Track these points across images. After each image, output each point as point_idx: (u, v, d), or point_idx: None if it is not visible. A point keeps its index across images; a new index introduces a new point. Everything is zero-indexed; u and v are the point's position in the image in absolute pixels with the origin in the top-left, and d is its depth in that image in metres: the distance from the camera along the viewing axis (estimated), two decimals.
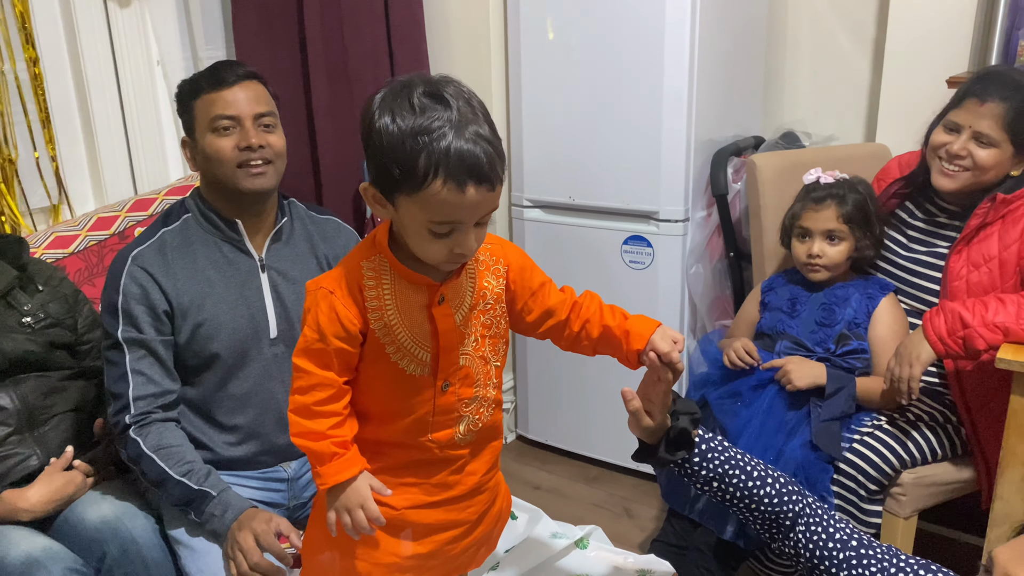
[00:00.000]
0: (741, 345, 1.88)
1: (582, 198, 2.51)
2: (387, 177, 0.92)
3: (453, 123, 0.90)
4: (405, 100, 0.90)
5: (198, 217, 1.59)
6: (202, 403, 1.58)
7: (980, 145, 1.70)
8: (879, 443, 1.74)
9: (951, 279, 1.74)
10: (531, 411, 2.85)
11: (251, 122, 1.52)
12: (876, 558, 1.12)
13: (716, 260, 2.44)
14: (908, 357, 1.64)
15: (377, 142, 0.91)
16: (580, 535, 1.50)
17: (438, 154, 0.89)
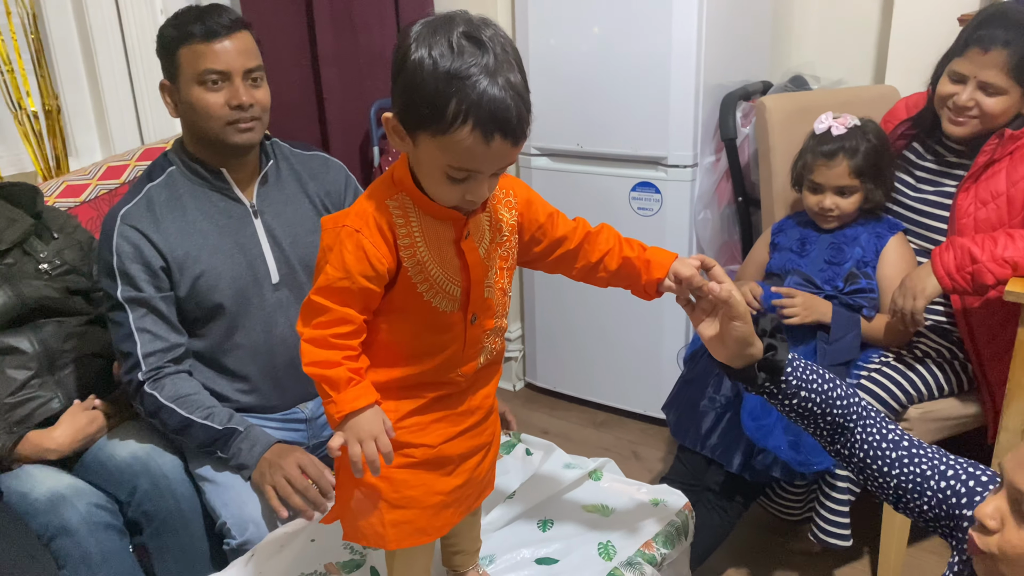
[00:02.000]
0: (748, 289, 1.90)
1: (590, 145, 2.50)
2: (413, 113, 0.91)
3: (489, 70, 0.89)
4: (444, 38, 0.89)
5: (183, 169, 1.56)
6: (211, 355, 1.59)
7: (987, 94, 1.69)
8: (886, 379, 1.76)
9: (959, 216, 1.75)
10: (539, 359, 2.88)
11: (240, 78, 1.49)
12: (927, 456, 1.14)
13: (724, 205, 2.44)
14: (913, 290, 1.66)
15: (409, 76, 0.90)
16: (593, 467, 1.52)
17: (470, 101, 0.88)
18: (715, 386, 1.89)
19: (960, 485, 1.10)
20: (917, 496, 1.13)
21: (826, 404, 1.19)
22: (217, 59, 1.47)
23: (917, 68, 1.94)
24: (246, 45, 1.51)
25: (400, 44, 0.91)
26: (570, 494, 1.45)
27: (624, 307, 2.60)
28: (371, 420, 0.99)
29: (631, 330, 2.61)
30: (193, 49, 1.47)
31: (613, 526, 1.37)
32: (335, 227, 0.99)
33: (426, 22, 0.91)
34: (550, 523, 1.38)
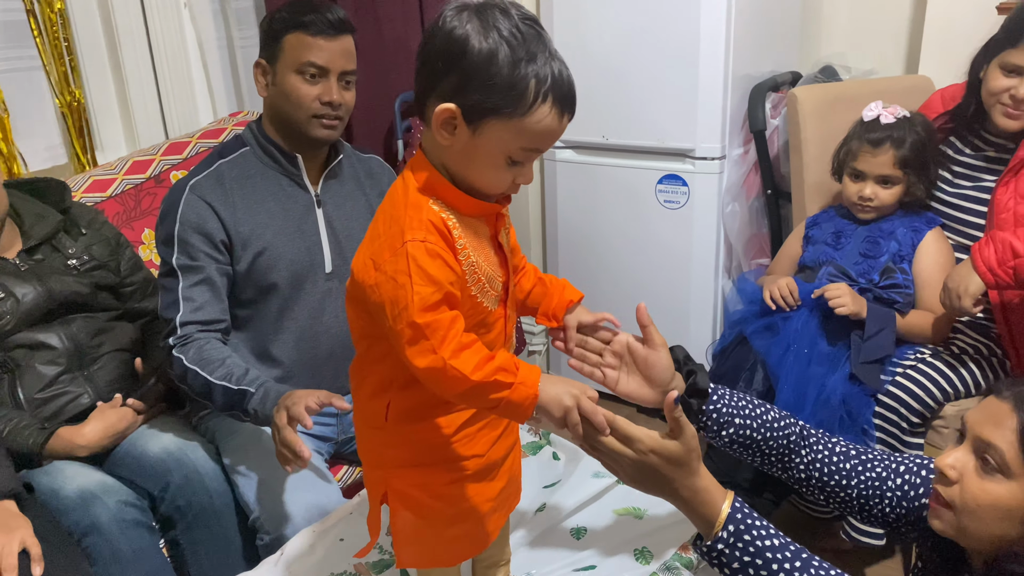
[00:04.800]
0: (785, 283, 1.86)
1: (616, 137, 2.48)
2: (487, 101, 0.89)
3: (552, 50, 0.91)
4: (506, 25, 0.89)
5: (257, 150, 1.60)
6: (258, 337, 1.60)
7: None
8: (922, 376, 1.73)
9: (998, 211, 1.71)
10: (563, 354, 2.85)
11: (336, 77, 1.54)
12: (878, 459, 1.15)
13: (753, 198, 2.41)
14: (956, 289, 1.62)
15: (479, 66, 0.88)
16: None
17: (548, 81, 0.90)
18: (747, 381, 1.86)
19: (915, 477, 1.12)
20: (878, 500, 1.14)
21: (764, 428, 1.17)
22: (321, 54, 1.51)
23: (952, 59, 1.89)
24: (349, 48, 1.56)
25: (449, 37, 0.89)
26: (601, 500, 1.43)
27: (650, 301, 2.56)
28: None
29: (658, 324, 2.56)
30: (300, 38, 1.51)
31: (647, 529, 1.35)
32: (392, 251, 0.91)
33: (469, 11, 0.90)
34: (584, 531, 1.36)
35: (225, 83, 2.58)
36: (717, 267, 2.45)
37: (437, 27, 0.91)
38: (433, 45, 0.91)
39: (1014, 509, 0.90)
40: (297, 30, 1.51)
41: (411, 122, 2.59)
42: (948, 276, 1.66)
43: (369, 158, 1.76)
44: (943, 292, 1.67)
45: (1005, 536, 0.92)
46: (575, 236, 2.68)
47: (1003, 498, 0.91)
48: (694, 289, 2.48)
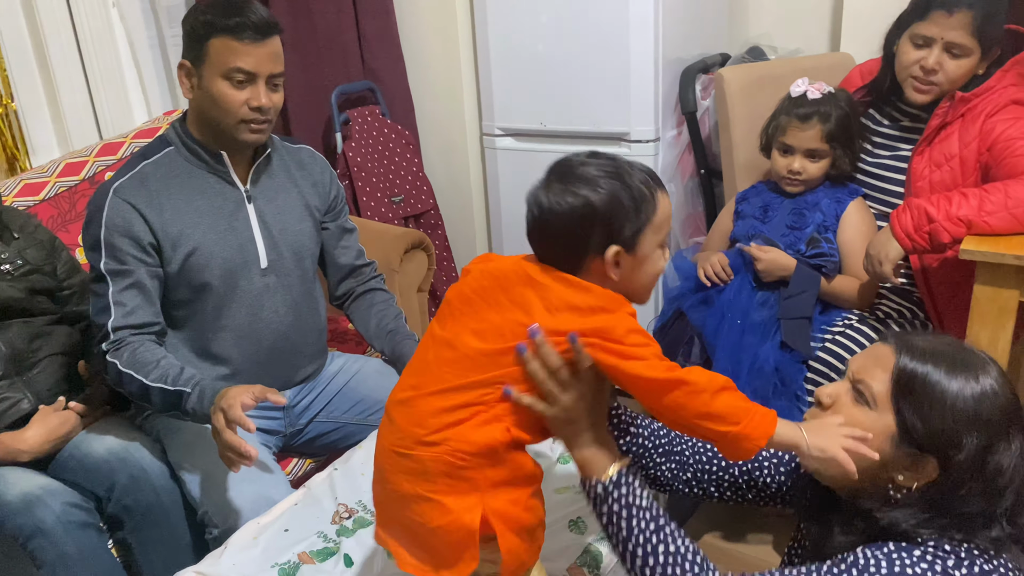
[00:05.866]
0: (717, 259, 1.93)
1: (553, 123, 2.51)
2: (633, 226, 0.98)
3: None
4: (589, 167, 1.00)
5: (182, 149, 1.58)
6: (197, 337, 1.59)
7: (952, 56, 1.72)
8: (850, 340, 1.80)
9: (915, 179, 1.79)
10: None
11: (264, 81, 1.51)
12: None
13: (687, 178, 2.47)
14: (877, 256, 1.69)
15: (610, 210, 0.97)
16: (561, 451, 1.52)
17: (645, 174, 1.01)
18: (685, 354, 1.92)
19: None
20: (759, 471, 1.19)
21: (653, 436, 1.20)
22: (249, 60, 1.48)
23: (871, 36, 1.96)
24: (276, 50, 1.53)
25: (572, 209, 0.97)
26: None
27: None
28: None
29: None
30: (227, 43, 1.47)
31: (583, 503, 1.37)
32: (616, 317, 0.97)
33: (564, 181, 0.99)
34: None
35: (159, 82, 2.55)
36: None
37: (550, 210, 0.98)
38: (560, 222, 0.98)
39: (872, 438, 0.96)
40: (223, 35, 1.47)
41: (348, 115, 2.59)
42: (870, 243, 1.73)
43: (299, 149, 1.74)
44: (866, 259, 1.73)
45: (865, 469, 0.97)
46: (519, 224, 2.68)
47: (864, 424, 0.98)
48: None
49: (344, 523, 1.34)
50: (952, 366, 0.96)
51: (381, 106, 2.66)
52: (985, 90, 1.71)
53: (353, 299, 1.81)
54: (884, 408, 0.98)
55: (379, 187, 2.60)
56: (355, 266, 1.80)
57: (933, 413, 0.94)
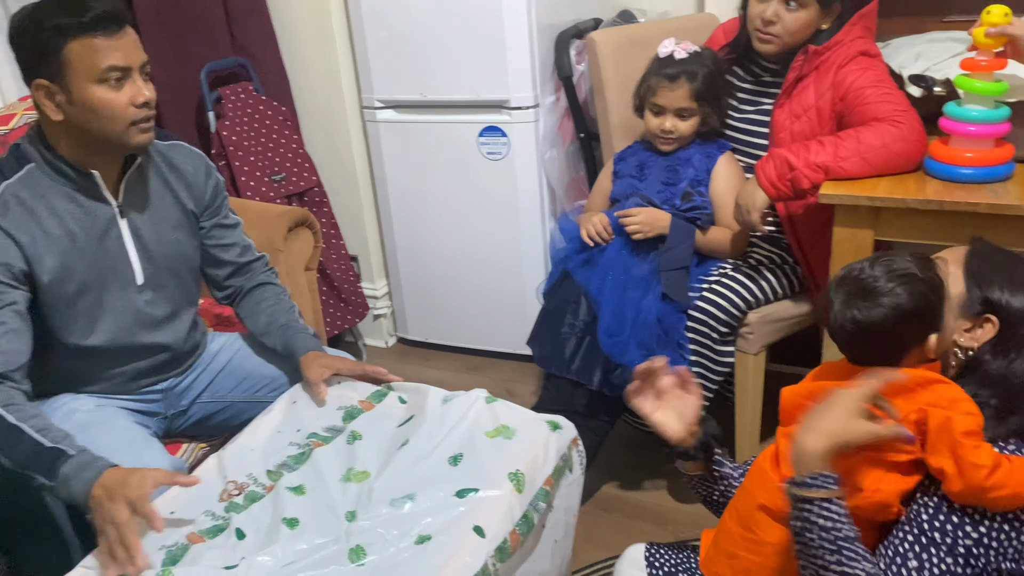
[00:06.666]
0: (599, 220, 1.98)
1: (433, 93, 2.50)
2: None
3: None
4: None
5: (44, 167, 1.43)
6: (67, 359, 1.51)
7: (789, 9, 1.80)
8: (726, 288, 1.89)
9: (777, 131, 1.88)
10: (408, 313, 2.89)
11: (139, 73, 1.37)
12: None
13: (568, 143, 2.51)
14: (745, 205, 1.78)
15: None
16: (477, 395, 1.51)
17: None
18: (573, 312, 1.97)
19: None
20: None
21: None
22: (118, 55, 1.34)
23: None
24: (135, 37, 1.39)
25: None
26: (468, 424, 1.43)
27: (483, 251, 2.64)
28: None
29: (494, 273, 2.66)
30: (87, 44, 1.32)
31: (519, 450, 1.38)
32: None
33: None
34: (460, 456, 1.36)
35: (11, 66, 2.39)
36: (543, 212, 2.55)
37: (876, 307, 1.05)
38: (875, 320, 1.05)
39: None
40: (79, 36, 1.31)
41: (220, 93, 2.51)
42: (738, 194, 1.81)
43: (171, 147, 1.60)
44: (735, 209, 1.82)
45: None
46: (406, 196, 2.70)
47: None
48: (523, 235, 2.57)
49: (234, 499, 1.31)
50: (1010, 254, 1.14)
51: (255, 82, 2.58)
52: (835, 43, 1.81)
53: (242, 297, 1.72)
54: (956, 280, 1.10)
55: (258, 166, 2.53)
56: (240, 263, 1.70)
57: (994, 278, 1.09)
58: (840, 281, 1.08)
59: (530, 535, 1.33)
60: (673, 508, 2.05)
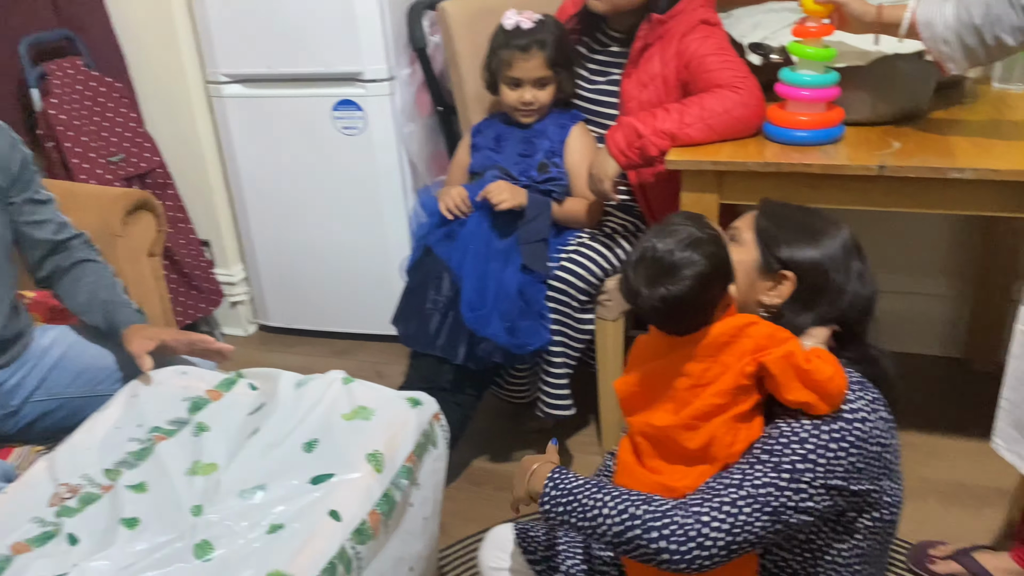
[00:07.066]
0: (456, 193, 1.96)
1: (281, 66, 2.40)
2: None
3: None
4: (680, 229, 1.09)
5: None
6: None
7: None
8: (583, 257, 1.91)
9: (626, 100, 1.91)
10: (268, 299, 2.78)
11: None
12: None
13: (427, 116, 2.47)
14: (598, 174, 1.80)
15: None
16: (334, 376, 1.45)
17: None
18: (436, 288, 1.94)
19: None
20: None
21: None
22: None
23: None
24: None
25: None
26: (324, 408, 1.38)
27: (346, 230, 2.57)
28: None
29: (357, 253, 2.60)
30: None
31: (378, 429, 1.34)
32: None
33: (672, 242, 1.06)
34: (315, 442, 1.31)
35: None
36: (404, 188, 2.50)
37: (680, 280, 1.04)
38: (684, 292, 1.04)
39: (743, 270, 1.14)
40: None
41: (45, 68, 2.31)
42: (591, 163, 1.83)
43: None
44: (588, 179, 1.84)
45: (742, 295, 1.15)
46: (259, 177, 2.58)
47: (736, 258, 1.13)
48: (385, 212, 2.51)
49: (66, 503, 1.22)
50: (796, 208, 1.20)
51: (84, 57, 2.39)
52: (678, 12, 1.84)
53: (60, 276, 1.60)
54: (750, 245, 1.15)
55: (92, 147, 2.35)
56: (56, 241, 1.58)
57: (781, 236, 1.14)
58: (637, 263, 1.07)
59: (393, 514, 1.31)
60: None
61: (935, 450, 2.05)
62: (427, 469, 1.43)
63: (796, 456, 1.02)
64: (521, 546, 1.36)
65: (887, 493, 1.08)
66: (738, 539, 1.01)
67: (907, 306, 2.41)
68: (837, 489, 1.03)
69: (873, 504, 1.08)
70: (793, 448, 1.03)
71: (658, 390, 1.11)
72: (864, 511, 1.08)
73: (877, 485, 1.06)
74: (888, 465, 1.07)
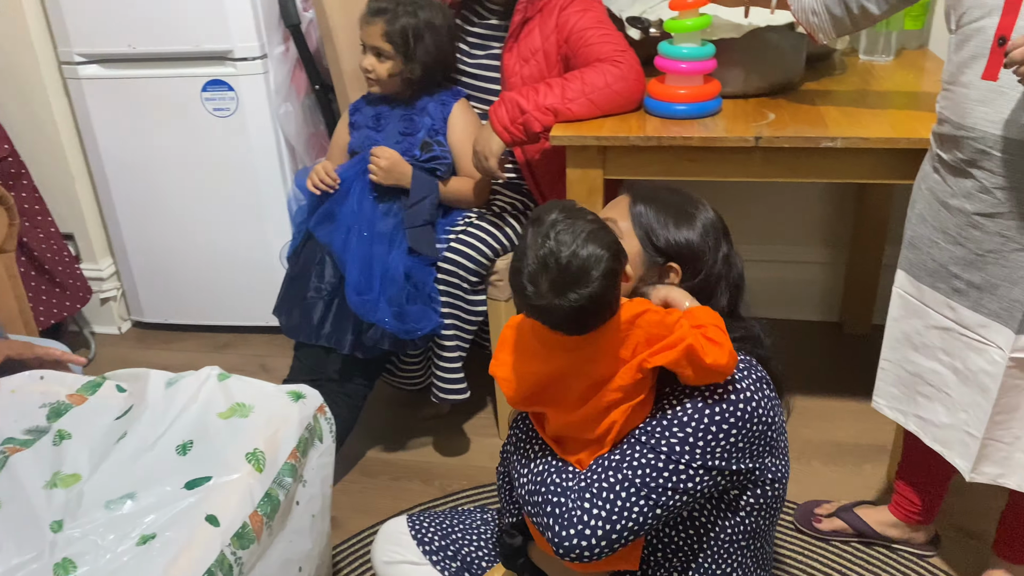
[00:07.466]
0: (321, 167, 1.88)
1: (144, 44, 2.24)
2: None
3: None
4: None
5: None
6: None
7: None
8: (472, 238, 1.87)
9: (507, 76, 1.87)
10: (142, 294, 2.62)
11: None
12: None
13: (304, 96, 2.36)
14: (482, 152, 1.76)
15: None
16: (208, 374, 1.36)
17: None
18: (318, 275, 1.87)
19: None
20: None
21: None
22: None
23: None
24: None
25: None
26: (198, 407, 1.29)
27: (222, 217, 2.44)
28: None
29: (235, 241, 2.47)
30: None
31: (257, 426, 1.27)
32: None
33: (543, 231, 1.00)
34: (190, 444, 1.23)
35: None
36: (283, 171, 2.39)
37: (591, 281, 0.97)
38: (597, 292, 0.98)
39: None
40: None
41: None
42: (475, 141, 1.79)
43: None
44: (473, 156, 1.80)
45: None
46: (125, 164, 2.42)
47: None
48: (263, 197, 2.40)
49: None
50: (665, 190, 1.19)
51: None
52: None
53: None
54: (630, 235, 1.15)
55: None
56: None
57: (657, 226, 1.14)
58: (537, 274, 0.97)
59: (277, 515, 1.24)
60: (438, 463, 2.03)
61: (815, 412, 2.13)
62: (313, 465, 1.37)
63: (675, 439, 1.02)
64: (416, 537, 1.32)
65: (770, 470, 1.09)
66: (617, 526, 1.00)
67: (785, 274, 2.50)
68: (717, 469, 1.03)
69: (755, 481, 1.09)
70: (673, 431, 1.03)
71: (558, 390, 1.07)
72: (747, 489, 1.09)
73: (759, 463, 1.07)
74: (771, 443, 1.08)
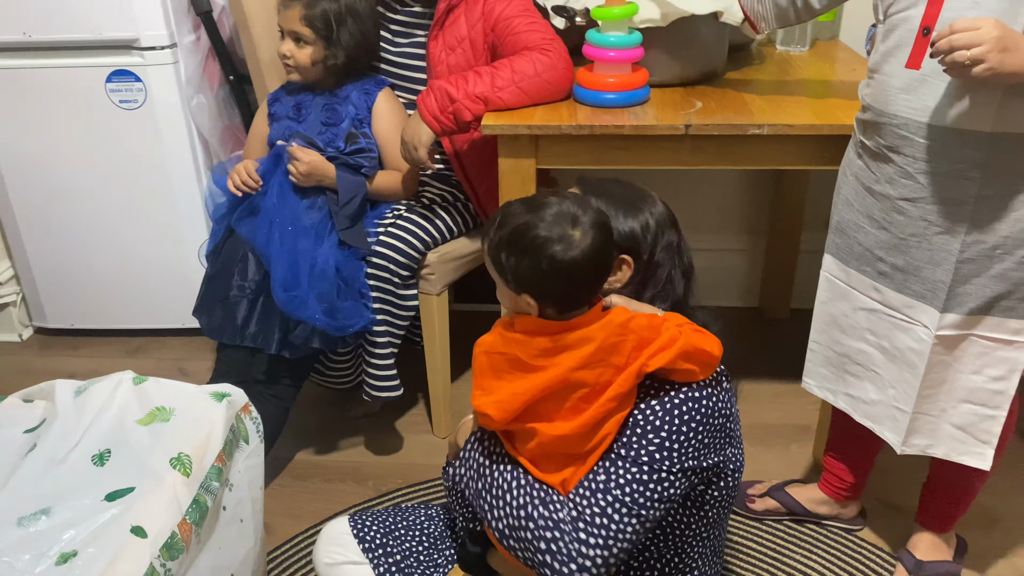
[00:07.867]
0: (243, 167, 1.81)
1: (41, 33, 2.10)
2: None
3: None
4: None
5: None
6: None
7: None
8: (402, 231, 1.83)
9: (434, 64, 1.83)
10: (44, 298, 2.46)
11: None
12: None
13: (217, 87, 2.26)
14: (411, 142, 1.72)
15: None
16: (121, 378, 1.28)
17: None
18: (241, 272, 1.79)
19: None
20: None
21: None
22: None
23: None
24: None
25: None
26: (113, 414, 1.22)
27: (133, 216, 2.32)
28: None
29: (146, 240, 2.35)
30: None
31: (179, 434, 1.20)
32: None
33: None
34: (107, 454, 1.16)
35: None
36: (197, 166, 2.28)
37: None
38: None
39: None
40: None
41: None
42: (403, 131, 1.75)
43: None
44: (402, 147, 1.75)
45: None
46: (22, 160, 2.26)
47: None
48: (177, 194, 2.29)
49: None
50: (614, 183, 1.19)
51: None
52: None
53: None
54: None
55: None
56: None
57: (615, 219, 1.12)
58: (550, 241, 1.01)
59: (205, 522, 1.18)
60: (371, 462, 1.98)
61: (742, 395, 2.18)
62: (239, 468, 1.31)
63: (652, 446, 1.03)
64: (357, 536, 1.28)
65: (732, 461, 1.11)
66: (614, 550, 1.01)
67: (709, 262, 2.54)
68: (692, 470, 1.04)
69: (719, 474, 1.10)
70: (649, 438, 1.03)
71: (551, 404, 1.05)
72: (712, 483, 1.09)
73: (723, 455, 1.08)
74: (730, 434, 1.09)
